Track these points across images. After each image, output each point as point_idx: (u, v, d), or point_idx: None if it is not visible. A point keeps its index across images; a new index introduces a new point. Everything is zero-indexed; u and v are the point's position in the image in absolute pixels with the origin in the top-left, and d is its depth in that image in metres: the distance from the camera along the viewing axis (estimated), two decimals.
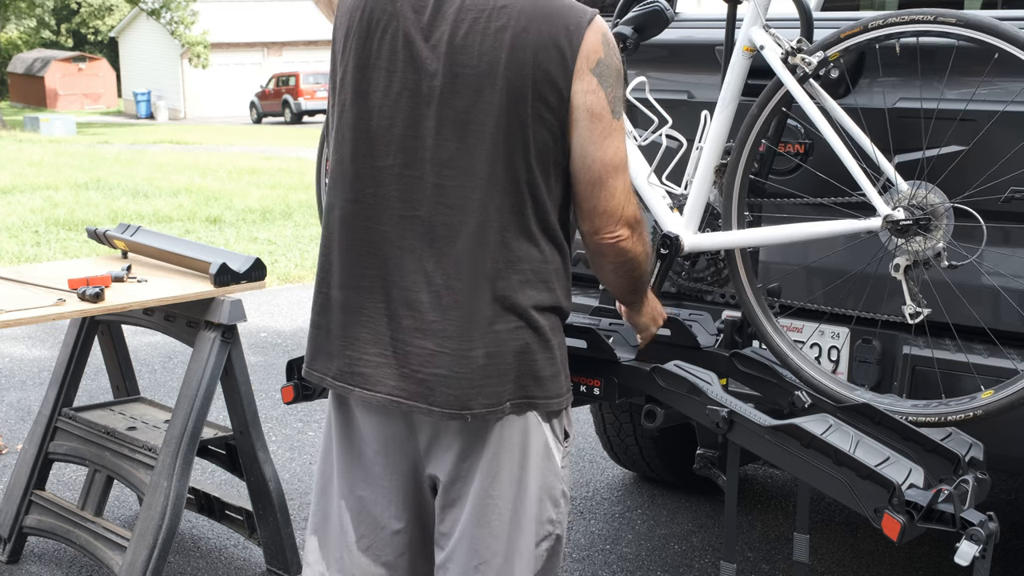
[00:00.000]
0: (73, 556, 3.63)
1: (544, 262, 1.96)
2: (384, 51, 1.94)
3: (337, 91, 2.01)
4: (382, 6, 1.95)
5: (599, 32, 1.92)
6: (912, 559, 3.71)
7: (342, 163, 2.00)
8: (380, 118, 1.95)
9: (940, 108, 2.51)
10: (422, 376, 1.94)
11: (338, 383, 2.02)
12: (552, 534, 2.05)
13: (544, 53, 1.87)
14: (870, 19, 2.39)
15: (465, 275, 1.91)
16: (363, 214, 1.97)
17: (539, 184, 1.93)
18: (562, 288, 2.01)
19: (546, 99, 1.89)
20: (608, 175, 1.96)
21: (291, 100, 35.05)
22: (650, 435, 4.03)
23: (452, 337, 1.92)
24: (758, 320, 2.60)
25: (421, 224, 1.93)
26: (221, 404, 3.49)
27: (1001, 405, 2.30)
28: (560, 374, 2.01)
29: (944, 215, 2.38)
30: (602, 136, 1.93)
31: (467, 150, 1.90)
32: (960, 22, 2.28)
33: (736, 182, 2.59)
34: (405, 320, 1.95)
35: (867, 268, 2.55)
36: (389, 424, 2.03)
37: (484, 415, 1.93)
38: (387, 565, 2.10)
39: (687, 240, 2.61)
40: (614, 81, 1.93)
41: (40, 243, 9.32)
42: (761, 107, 2.54)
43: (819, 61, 2.44)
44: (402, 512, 2.08)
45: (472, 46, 1.88)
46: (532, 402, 1.97)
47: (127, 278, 3.29)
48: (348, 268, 1.99)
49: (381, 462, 2.06)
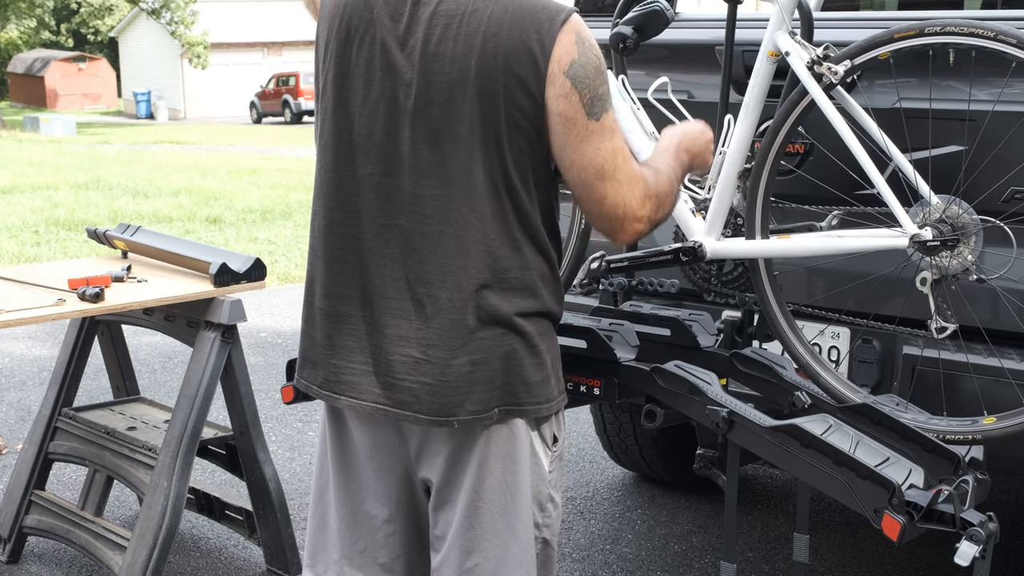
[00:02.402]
0: (73, 556, 3.63)
1: (527, 268, 1.93)
2: (362, 59, 1.93)
3: (320, 98, 2.01)
4: (360, 13, 1.93)
5: (572, 32, 1.87)
6: (912, 559, 3.71)
7: (324, 171, 1.99)
8: (360, 126, 1.94)
9: (971, 110, 2.44)
10: (407, 384, 1.93)
11: (324, 392, 2.03)
12: (539, 538, 2.04)
13: (515, 58, 1.84)
14: (925, 24, 2.30)
15: (448, 284, 1.90)
16: (345, 223, 1.97)
17: (519, 190, 1.91)
18: (549, 293, 1.98)
19: (520, 105, 1.86)
20: (592, 180, 1.92)
21: (291, 100, 35.06)
22: (650, 435, 4.03)
23: (436, 345, 1.91)
24: (780, 327, 2.58)
25: (401, 233, 1.92)
26: (221, 404, 3.49)
27: (1002, 434, 2.30)
28: (550, 379, 1.99)
29: (973, 232, 2.32)
30: (577, 140, 1.89)
31: (442, 158, 1.89)
32: (1021, 43, 2.19)
33: (760, 190, 2.55)
34: (389, 329, 1.94)
35: (892, 274, 2.51)
36: (379, 430, 2.03)
37: (471, 422, 1.93)
38: (384, 568, 2.10)
39: (709, 246, 2.60)
40: (592, 80, 1.88)
41: (40, 243, 9.32)
42: (786, 114, 2.49)
43: (846, 70, 2.39)
44: (396, 515, 2.08)
45: (444, 53, 1.86)
46: (521, 408, 1.96)
47: (127, 278, 3.29)
48: (331, 277, 1.99)
49: (374, 466, 2.06)
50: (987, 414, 2.35)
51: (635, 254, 2.74)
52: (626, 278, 2.98)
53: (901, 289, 2.52)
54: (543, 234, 1.96)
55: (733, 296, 2.74)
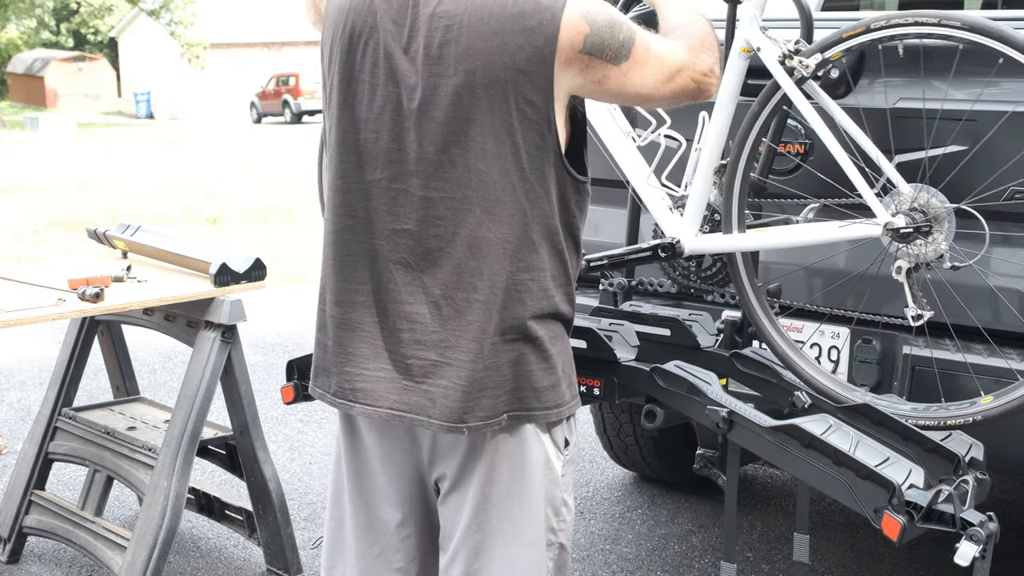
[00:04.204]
0: (73, 556, 3.63)
1: (542, 270, 1.92)
2: (367, 64, 1.92)
3: (327, 106, 2.01)
4: (363, 19, 1.92)
5: (576, 12, 1.85)
6: (912, 559, 3.71)
7: (334, 178, 1.99)
8: (366, 132, 1.93)
9: (944, 108, 2.50)
10: (425, 387, 1.92)
11: (339, 400, 2.01)
12: (555, 543, 2.02)
13: (520, 54, 1.83)
14: (872, 19, 2.38)
15: (463, 286, 1.89)
16: (355, 229, 1.96)
17: (534, 188, 1.89)
18: (563, 296, 1.97)
19: (530, 100, 1.85)
20: (659, 92, 1.92)
21: (291, 100, 35.06)
22: (650, 435, 4.03)
23: (454, 347, 1.90)
24: (759, 321, 2.60)
25: (411, 237, 1.92)
26: (221, 404, 3.49)
27: (1001, 411, 2.30)
28: (560, 384, 1.97)
29: (946, 219, 2.37)
30: (619, 86, 1.90)
31: (451, 161, 1.88)
32: (965, 26, 2.25)
33: (736, 184, 2.58)
34: (404, 333, 1.93)
35: (870, 269, 2.55)
36: (391, 435, 2.03)
37: (481, 428, 1.92)
38: (400, 571, 2.10)
39: (687, 243, 2.61)
40: (609, 39, 1.86)
41: (40, 243, 9.33)
42: (759, 109, 2.53)
43: (817, 63, 2.43)
44: (409, 519, 2.08)
45: (447, 55, 1.85)
46: (530, 413, 1.94)
47: (127, 278, 3.29)
48: (343, 284, 1.99)
49: (386, 471, 2.06)
50: (983, 394, 2.36)
51: (614, 252, 2.74)
52: (626, 278, 2.99)
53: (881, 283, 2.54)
54: (560, 234, 1.94)
55: (713, 292, 2.77)
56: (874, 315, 2.61)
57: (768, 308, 2.61)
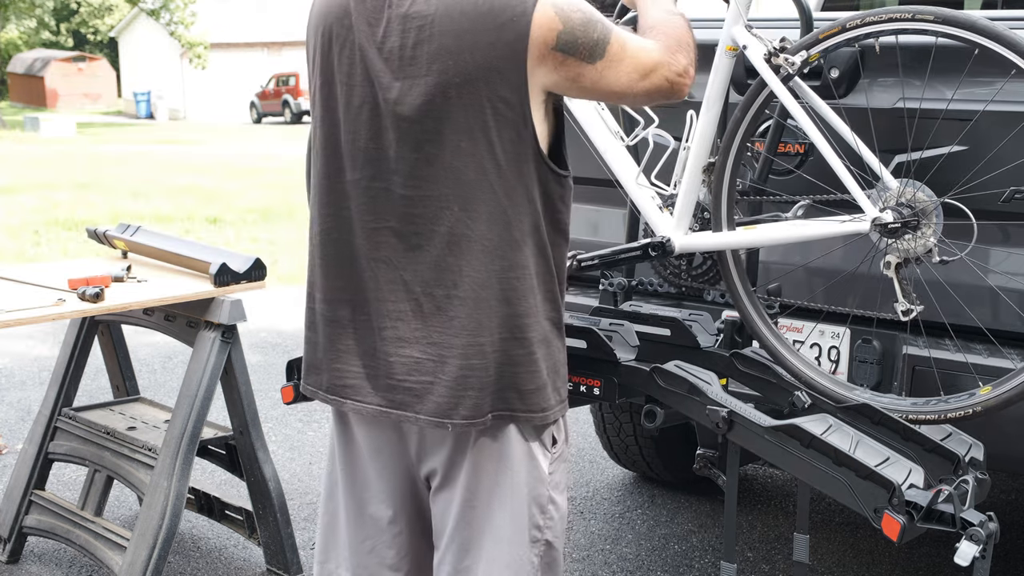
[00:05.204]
0: (73, 556, 3.63)
1: (526, 267, 1.92)
2: (344, 66, 1.94)
3: (312, 107, 2.04)
4: (339, 21, 1.94)
5: (549, 9, 1.84)
6: (912, 559, 3.71)
7: (317, 179, 2.02)
8: (346, 132, 1.95)
9: (923, 107, 2.50)
10: (408, 385, 1.94)
11: (330, 396, 2.04)
12: (540, 540, 2.02)
13: (492, 51, 1.83)
14: (847, 18, 2.39)
15: (443, 283, 1.90)
16: (338, 228, 1.99)
17: (513, 186, 1.89)
18: (544, 293, 1.96)
19: (504, 97, 1.85)
20: (632, 90, 1.92)
21: (291, 100, 35.08)
22: (650, 435, 4.03)
23: (435, 344, 1.92)
24: (751, 319, 2.60)
25: (393, 235, 1.93)
26: (221, 404, 3.49)
27: (1000, 401, 2.30)
28: (545, 388, 1.96)
29: (933, 213, 2.37)
30: (593, 84, 1.90)
31: (427, 159, 1.89)
32: (939, 19, 2.27)
33: (724, 182, 2.58)
34: (387, 331, 1.95)
35: (863, 267, 2.55)
36: (381, 432, 2.04)
37: (466, 426, 1.93)
38: (392, 567, 2.12)
39: (677, 241, 2.61)
40: (582, 37, 1.86)
41: (40, 243, 9.33)
42: (746, 107, 2.53)
43: (802, 61, 2.43)
44: (400, 515, 2.10)
45: (421, 56, 1.86)
46: (513, 415, 1.95)
47: (127, 278, 3.29)
48: (329, 282, 2.01)
49: (376, 467, 2.08)
50: (982, 385, 2.36)
51: (605, 251, 2.73)
52: (626, 278, 2.99)
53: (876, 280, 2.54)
54: (543, 231, 1.94)
55: (704, 290, 2.78)
56: (868, 312, 2.61)
57: (760, 307, 2.61)
